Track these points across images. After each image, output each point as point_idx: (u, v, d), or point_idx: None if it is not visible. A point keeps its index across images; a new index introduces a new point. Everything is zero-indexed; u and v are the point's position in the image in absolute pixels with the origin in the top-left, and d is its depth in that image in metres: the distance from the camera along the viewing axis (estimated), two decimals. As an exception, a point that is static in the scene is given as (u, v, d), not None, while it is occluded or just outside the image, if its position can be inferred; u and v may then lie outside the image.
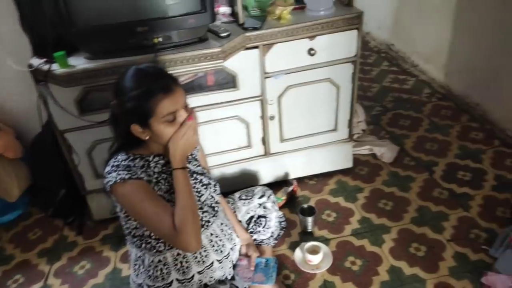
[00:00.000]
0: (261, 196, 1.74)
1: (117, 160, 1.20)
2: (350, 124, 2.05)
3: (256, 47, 1.73)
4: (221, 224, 1.43)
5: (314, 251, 1.68)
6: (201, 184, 1.36)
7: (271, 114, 1.92)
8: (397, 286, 1.58)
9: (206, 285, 1.36)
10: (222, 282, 1.39)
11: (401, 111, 2.69)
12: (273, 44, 1.74)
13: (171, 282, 1.31)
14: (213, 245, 1.37)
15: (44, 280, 1.81)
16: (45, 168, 2.02)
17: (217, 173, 2.01)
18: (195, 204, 1.20)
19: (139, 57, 1.57)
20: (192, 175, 1.35)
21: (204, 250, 1.33)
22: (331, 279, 1.64)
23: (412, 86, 2.99)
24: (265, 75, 1.81)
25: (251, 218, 1.71)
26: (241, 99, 1.84)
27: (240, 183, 2.03)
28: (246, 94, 1.83)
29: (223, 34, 1.66)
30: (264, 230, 1.69)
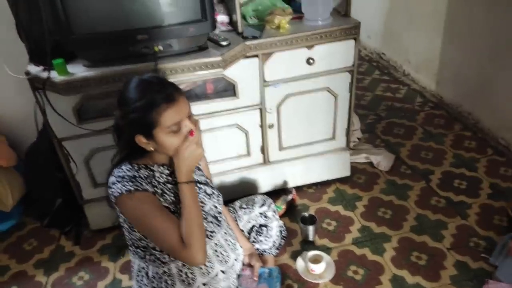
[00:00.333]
0: (262, 205, 1.73)
1: (121, 170, 1.19)
2: (348, 132, 2.07)
3: (256, 56, 1.74)
4: (225, 234, 1.42)
5: (316, 260, 1.68)
6: (204, 194, 1.35)
7: (270, 123, 1.92)
8: (400, 295, 1.59)
9: (211, 296, 1.34)
10: (226, 292, 1.38)
11: (395, 120, 2.72)
12: (273, 53, 1.75)
13: (175, 293, 1.29)
14: (218, 256, 1.36)
15: (41, 292, 1.77)
16: (41, 177, 1.98)
17: (216, 181, 1.99)
18: (201, 218, 1.20)
19: (139, 65, 1.56)
20: (196, 185, 1.33)
21: (209, 261, 1.32)
22: (333, 288, 1.64)
23: (404, 95, 3.03)
24: (264, 84, 1.81)
25: (253, 227, 1.71)
26: (241, 108, 1.84)
27: (239, 192, 2.03)
28: (245, 102, 1.83)
29: (223, 43, 1.67)
30: (265, 239, 1.68)
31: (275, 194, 2.06)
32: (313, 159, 2.10)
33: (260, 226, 1.71)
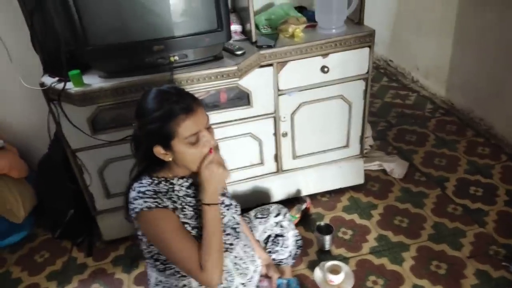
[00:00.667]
0: (277, 215, 1.71)
1: (142, 185, 1.17)
2: (362, 140, 2.05)
3: (270, 65, 1.73)
4: (244, 245, 1.40)
5: (334, 270, 1.65)
6: (223, 206, 1.33)
7: (284, 131, 1.91)
8: (421, 305, 1.56)
9: (230, 309, 1.32)
10: (245, 305, 1.36)
11: (406, 127, 2.71)
12: (287, 61, 1.74)
13: (195, 306, 1.27)
14: (238, 268, 1.33)
15: (55, 305, 1.75)
16: (54, 188, 1.97)
17: (229, 190, 1.97)
18: (221, 243, 1.18)
19: (155, 76, 1.56)
20: None
21: (230, 275, 1.30)
22: (353, 299, 1.61)
23: (414, 101, 3.02)
24: (279, 93, 1.80)
25: (268, 237, 1.68)
26: (254, 117, 1.83)
27: (251, 201, 2.01)
28: (259, 111, 1.82)
29: (238, 52, 1.66)
30: (282, 250, 1.66)
31: (288, 202, 2.04)
32: (326, 167, 2.08)
33: (276, 236, 1.68)
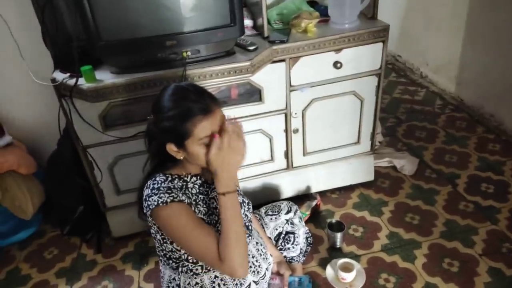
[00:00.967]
0: (288, 212, 1.71)
1: (156, 182, 1.15)
2: (373, 136, 2.04)
3: (283, 60, 1.71)
4: (256, 243, 1.39)
5: (346, 268, 1.64)
6: None
7: (295, 127, 1.89)
8: (435, 303, 1.55)
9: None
10: (257, 303, 1.35)
11: (415, 123, 2.69)
12: (300, 57, 1.72)
13: (208, 304, 1.26)
14: (251, 267, 1.33)
15: (65, 302, 1.74)
16: (63, 184, 1.96)
17: (240, 187, 1.96)
18: (242, 231, 1.14)
19: (167, 71, 1.54)
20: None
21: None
22: (365, 297, 1.60)
23: (423, 97, 2.99)
24: (291, 88, 1.78)
25: (279, 234, 1.68)
26: (266, 113, 1.81)
27: (261, 198, 2.00)
28: (270, 107, 1.80)
29: (251, 48, 1.64)
30: (293, 247, 1.65)
31: (298, 199, 2.03)
32: (337, 164, 2.07)
33: (287, 233, 1.68)
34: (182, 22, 1.49)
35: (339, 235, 1.78)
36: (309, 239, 1.76)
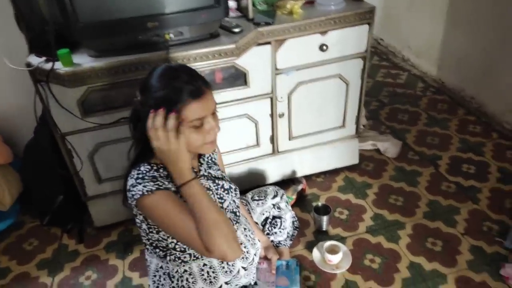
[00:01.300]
0: (274, 196, 1.70)
1: (141, 172, 1.11)
2: (358, 120, 2.04)
3: (268, 43, 1.67)
4: (245, 229, 1.38)
5: (333, 250, 1.66)
6: (222, 190, 1.29)
7: (280, 112, 1.87)
8: (419, 282, 1.58)
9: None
10: (245, 288, 1.35)
11: (398, 106, 2.71)
12: (286, 39, 1.69)
13: (198, 292, 1.25)
14: (240, 251, 1.31)
15: (47, 294, 1.70)
16: (41, 174, 1.89)
17: (226, 173, 1.94)
18: (218, 214, 1.07)
19: (150, 54, 1.49)
20: (214, 181, 1.28)
21: (231, 259, 1.28)
22: (352, 278, 1.62)
23: (406, 80, 3.02)
24: (276, 72, 1.76)
25: (266, 219, 1.67)
26: (251, 97, 1.78)
27: (247, 183, 1.99)
28: (256, 91, 1.77)
29: (236, 30, 1.60)
30: (280, 231, 1.65)
31: (283, 184, 2.02)
32: (322, 148, 2.06)
33: (274, 218, 1.68)
34: (164, 2, 1.43)
35: (325, 218, 1.79)
36: (295, 223, 1.77)
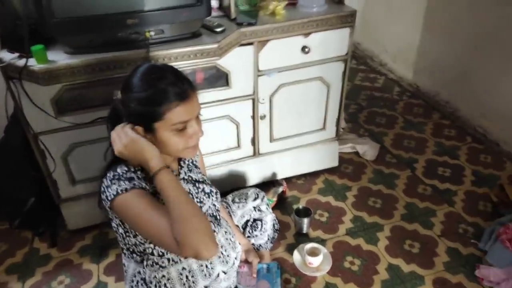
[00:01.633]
0: (255, 199, 1.68)
1: (117, 174, 1.06)
2: (338, 123, 2.05)
3: (251, 43, 1.66)
4: (225, 232, 1.36)
5: (313, 253, 1.65)
6: (203, 193, 1.27)
7: (262, 114, 1.86)
8: (398, 284, 1.60)
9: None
10: (226, 292, 1.32)
11: (375, 109, 2.75)
12: (268, 40, 1.68)
13: (176, 297, 1.21)
14: (220, 257, 1.29)
15: (17, 300, 1.62)
16: (11, 175, 1.79)
17: (207, 176, 1.91)
18: (192, 208, 0.98)
19: (129, 53, 1.44)
20: (195, 184, 1.26)
21: (210, 263, 1.25)
22: (332, 280, 1.62)
23: (383, 84, 3.07)
24: (258, 73, 1.74)
25: (247, 222, 1.65)
26: (233, 98, 1.76)
27: (227, 185, 1.96)
28: (238, 93, 1.75)
29: (218, 30, 1.57)
30: (261, 234, 1.64)
31: (264, 186, 2.01)
32: (302, 150, 2.07)
33: (255, 220, 1.66)
34: (144, -1, 1.39)
35: (306, 221, 1.79)
36: (276, 225, 1.75)
